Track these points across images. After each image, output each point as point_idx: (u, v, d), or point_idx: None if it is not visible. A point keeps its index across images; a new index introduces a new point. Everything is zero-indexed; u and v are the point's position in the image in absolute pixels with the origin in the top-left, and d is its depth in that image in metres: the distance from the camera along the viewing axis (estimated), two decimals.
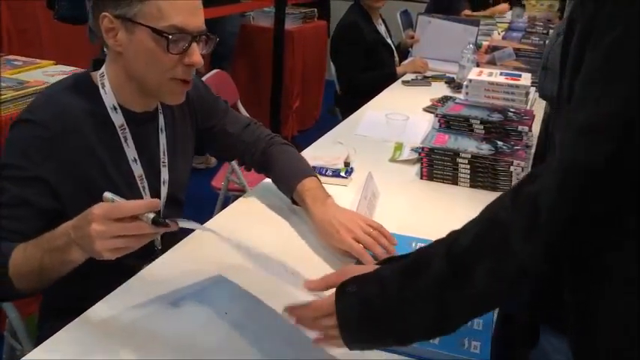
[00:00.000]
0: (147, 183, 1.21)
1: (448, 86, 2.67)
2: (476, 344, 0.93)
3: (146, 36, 1.06)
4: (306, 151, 1.77)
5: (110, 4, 1.06)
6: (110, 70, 1.15)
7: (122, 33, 1.07)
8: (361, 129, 2.01)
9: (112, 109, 1.14)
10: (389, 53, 3.12)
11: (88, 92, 1.14)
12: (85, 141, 1.11)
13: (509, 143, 1.62)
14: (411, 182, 1.61)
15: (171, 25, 1.06)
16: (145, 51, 1.08)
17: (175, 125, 1.29)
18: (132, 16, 1.06)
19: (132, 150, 1.17)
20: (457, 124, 1.72)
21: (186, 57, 1.09)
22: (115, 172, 1.15)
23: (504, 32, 3.66)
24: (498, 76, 2.20)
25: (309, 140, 1.89)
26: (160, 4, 1.05)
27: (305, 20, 4.26)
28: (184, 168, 1.33)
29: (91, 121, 1.12)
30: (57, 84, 1.17)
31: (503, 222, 0.71)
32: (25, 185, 1.05)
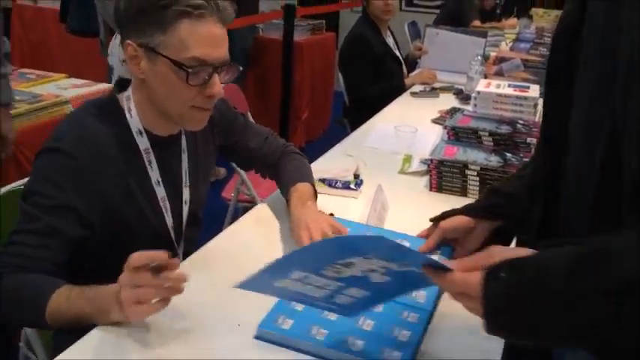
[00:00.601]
0: (169, 204, 1.23)
1: (456, 97, 2.68)
2: (396, 354, 0.93)
3: (167, 67, 1.08)
4: (316, 163, 1.78)
5: (134, 33, 1.08)
6: (135, 95, 1.17)
7: (145, 61, 1.09)
8: (370, 141, 2.02)
9: (137, 133, 1.16)
10: (397, 65, 3.13)
11: (114, 116, 1.15)
12: (111, 166, 1.13)
13: (518, 155, 1.63)
14: (420, 194, 1.62)
15: (192, 57, 1.07)
16: (166, 81, 1.09)
17: (197, 145, 1.30)
18: (154, 46, 1.07)
19: (155, 172, 1.19)
20: (466, 136, 1.73)
21: (207, 88, 1.11)
22: (139, 195, 1.17)
23: (512, 43, 3.67)
24: (506, 87, 2.20)
25: (318, 150, 1.91)
26: (181, 36, 1.06)
27: (313, 32, 4.29)
28: (204, 187, 1.36)
29: (117, 146, 1.14)
30: (83, 109, 1.18)
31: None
32: (55, 214, 1.06)
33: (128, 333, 0.97)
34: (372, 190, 1.47)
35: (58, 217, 1.06)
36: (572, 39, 0.80)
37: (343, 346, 0.94)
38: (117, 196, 1.14)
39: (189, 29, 1.06)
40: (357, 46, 2.99)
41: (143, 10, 1.06)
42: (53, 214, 1.06)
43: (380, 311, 1.02)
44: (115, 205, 1.13)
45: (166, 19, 1.05)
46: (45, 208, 1.05)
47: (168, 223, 1.24)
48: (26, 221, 1.06)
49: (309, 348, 0.94)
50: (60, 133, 1.12)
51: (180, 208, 1.26)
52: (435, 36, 3.32)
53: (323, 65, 4.36)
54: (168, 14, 1.05)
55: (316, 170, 1.67)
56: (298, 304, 1.02)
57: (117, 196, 1.14)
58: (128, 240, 1.16)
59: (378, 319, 1.01)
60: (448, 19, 4.27)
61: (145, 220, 1.20)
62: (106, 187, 1.12)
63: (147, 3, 1.06)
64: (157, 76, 1.10)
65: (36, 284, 1.01)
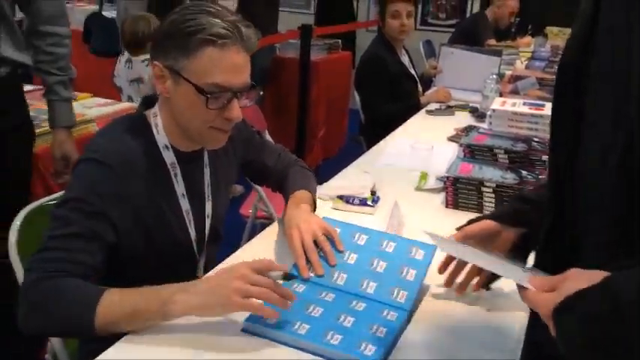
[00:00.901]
0: (192, 217, 1.27)
1: (472, 115, 2.70)
2: (371, 348, 0.99)
3: (189, 90, 1.13)
4: (333, 180, 1.81)
5: (161, 55, 1.14)
6: (161, 112, 1.22)
7: (170, 82, 1.15)
8: (387, 158, 2.05)
9: (163, 148, 1.22)
10: (412, 83, 3.17)
11: (143, 132, 1.21)
12: (141, 179, 1.17)
13: (534, 172, 1.65)
14: (437, 210, 1.65)
15: (213, 82, 1.11)
16: (188, 102, 1.14)
17: (218, 160, 1.35)
18: (178, 69, 1.12)
19: (181, 186, 1.24)
20: (481, 153, 1.75)
21: (226, 111, 1.15)
22: (166, 208, 1.22)
23: (527, 62, 3.69)
24: (522, 105, 2.23)
25: (334, 168, 1.94)
26: (204, 62, 1.10)
27: (330, 51, 4.35)
28: (225, 201, 1.41)
29: (146, 160, 1.19)
30: (115, 125, 1.23)
31: None
32: (95, 219, 1.09)
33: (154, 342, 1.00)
34: (389, 206, 1.50)
35: (97, 221, 1.10)
36: (583, 51, 0.82)
37: (323, 339, 1.00)
38: (145, 207, 1.18)
39: (212, 57, 1.10)
40: (373, 66, 3.03)
41: (170, 34, 1.12)
42: (93, 219, 1.09)
43: (361, 309, 1.08)
44: (143, 216, 1.18)
45: (191, 45, 1.10)
46: (84, 213, 1.09)
47: (191, 236, 1.28)
48: (64, 226, 1.08)
49: (291, 341, 1.01)
50: (96, 145, 1.17)
51: (202, 221, 1.31)
52: (449, 55, 3.36)
53: (339, 84, 4.41)
54: (193, 41, 1.10)
55: (333, 187, 1.71)
56: (300, 285, 1.14)
57: (145, 208, 1.18)
58: (152, 251, 1.21)
59: (358, 316, 1.07)
60: (462, 38, 4.31)
61: (171, 233, 1.24)
62: (136, 199, 1.16)
63: (174, 29, 1.11)
64: (180, 97, 1.15)
65: (84, 286, 1.03)
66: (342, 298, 1.12)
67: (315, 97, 4.03)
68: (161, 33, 1.15)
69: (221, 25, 1.09)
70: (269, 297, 0.98)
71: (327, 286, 1.15)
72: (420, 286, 1.15)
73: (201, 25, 1.09)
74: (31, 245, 1.32)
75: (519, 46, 4.49)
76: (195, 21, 1.10)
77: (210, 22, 1.09)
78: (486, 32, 4.70)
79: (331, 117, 4.36)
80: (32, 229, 1.34)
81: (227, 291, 0.97)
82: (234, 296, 0.97)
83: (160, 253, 1.22)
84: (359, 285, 1.15)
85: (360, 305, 1.10)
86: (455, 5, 5.60)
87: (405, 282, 1.15)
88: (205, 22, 1.09)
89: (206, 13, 1.11)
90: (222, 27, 1.09)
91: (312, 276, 1.17)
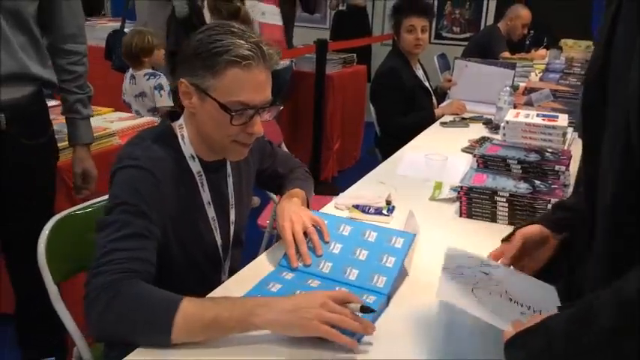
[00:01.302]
0: (218, 224, 1.33)
1: (486, 127, 2.73)
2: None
3: (214, 107, 1.19)
4: (349, 190, 1.85)
5: (188, 73, 1.20)
6: (186, 124, 1.28)
7: (195, 98, 1.21)
8: (401, 169, 2.09)
9: (190, 157, 1.27)
10: (427, 96, 3.21)
11: (171, 142, 1.27)
12: (173, 186, 1.23)
13: (547, 182, 1.67)
14: (451, 220, 1.68)
15: (237, 101, 1.18)
16: (212, 118, 1.21)
17: (240, 169, 1.41)
18: (204, 87, 1.19)
19: (207, 194, 1.30)
20: (495, 164, 1.78)
21: (248, 127, 1.22)
22: (193, 215, 1.28)
23: (542, 74, 3.71)
24: (535, 117, 2.25)
25: (349, 180, 1.97)
26: (229, 82, 1.17)
27: (345, 65, 4.41)
28: (246, 209, 1.47)
29: (176, 168, 1.25)
30: (145, 137, 1.28)
31: None
32: (145, 219, 1.14)
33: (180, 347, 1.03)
34: (404, 215, 1.53)
35: (148, 221, 1.14)
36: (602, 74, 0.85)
37: None
38: (176, 214, 1.23)
39: (237, 77, 1.17)
40: (388, 80, 3.07)
41: (198, 54, 1.18)
42: (144, 219, 1.14)
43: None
44: (173, 222, 1.23)
45: (217, 65, 1.16)
46: (135, 214, 1.13)
47: (217, 242, 1.33)
48: (119, 229, 1.11)
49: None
50: (132, 153, 1.22)
51: (227, 227, 1.36)
52: (464, 68, 3.39)
53: (354, 97, 4.46)
54: (220, 61, 1.16)
55: (349, 197, 1.75)
56: (288, 273, 1.27)
57: (176, 214, 1.23)
58: (182, 255, 1.27)
59: None
60: (476, 51, 4.36)
61: (199, 238, 1.29)
62: (169, 204, 1.22)
63: (202, 49, 1.17)
64: (205, 113, 1.22)
65: (159, 293, 1.04)
66: (326, 285, 1.22)
67: (330, 110, 4.08)
68: (188, 52, 1.20)
69: (246, 46, 1.16)
70: (350, 325, 1.02)
71: (314, 274, 1.27)
72: (398, 272, 1.26)
73: (227, 47, 1.15)
74: (59, 253, 1.39)
75: (534, 59, 4.51)
76: (222, 42, 1.16)
77: (236, 44, 1.16)
78: (500, 45, 4.73)
79: (347, 130, 4.41)
80: (59, 237, 1.40)
81: (309, 315, 1.00)
82: (315, 320, 1.00)
83: (188, 257, 1.27)
84: (342, 272, 1.26)
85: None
86: (469, 19, 5.64)
87: (385, 268, 1.26)
88: (231, 44, 1.16)
89: (231, 33, 1.17)
90: (247, 48, 1.16)
91: (300, 265, 1.29)
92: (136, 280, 1.06)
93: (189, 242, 1.27)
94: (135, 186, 1.17)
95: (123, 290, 1.03)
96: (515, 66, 3.33)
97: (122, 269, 1.06)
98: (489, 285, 1.08)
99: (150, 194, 1.17)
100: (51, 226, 1.41)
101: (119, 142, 2.23)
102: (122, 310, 1.01)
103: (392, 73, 3.06)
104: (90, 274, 1.08)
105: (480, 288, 1.07)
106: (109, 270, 1.05)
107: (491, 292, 1.06)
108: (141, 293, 1.04)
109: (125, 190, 1.17)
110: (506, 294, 1.06)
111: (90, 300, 1.04)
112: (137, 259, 1.09)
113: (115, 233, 1.11)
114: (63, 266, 1.40)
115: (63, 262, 1.40)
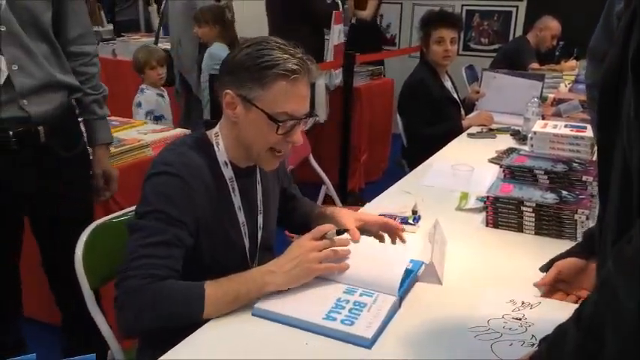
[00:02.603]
0: (247, 229, 1.38)
1: (513, 138, 2.72)
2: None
3: (260, 117, 1.26)
4: (375, 200, 1.88)
5: (234, 85, 1.27)
6: (223, 133, 1.34)
7: (240, 108, 1.27)
8: (428, 179, 2.10)
9: (223, 164, 1.33)
10: (455, 108, 3.21)
11: (206, 149, 1.33)
12: (206, 191, 1.29)
13: (574, 193, 1.67)
14: (477, 230, 1.69)
15: (283, 112, 1.25)
16: (256, 127, 1.27)
17: (267, 179, 1.47)
18: (251, 98, 1.25)
19: (237, 199, 1.36)
20: (522, 174, 1.79)
21: (289, 136, 1.29)
22: (225, 218, 1.33)
23: (571, 85, 3.68)
24: (563, 128, 2.24)
25: (377, 191, 1.99)
26: (276, 94, 1.24)
27: (372, 77, 4.44)
28: (274, 217, 1.51)
29: (209, 174, 1.30)
30: (180, 143, 1.35)
31: (612, 284, 0.75)
32: (177, 226, 1.22)
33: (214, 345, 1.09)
34: (430, 225, 1.54)
35: (178, 229, 1.22)
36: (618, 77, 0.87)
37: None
38: (209, 217, 1.29)
39: (284, 89, 1.24)
40: (417, 91, 3.09)
41: (247, 67, 1.24)
42: (175, 227, 1.21)
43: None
44: (207, 225, 1.29)
45: (266, 78, 1.23)
46: (165, 222, 1.21)
47: (246, 246, 1.38)
48: (149, 235, 1.19)
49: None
50: (165, 159, 1.28)
51: (256, 233, 1.41)
52: (492, 79, 3.39)
53: (381, 109, 4.48)
54: (269, 75, 1.23)
55: (375, 206, 1.78)
56: None
57: (209, 217, 1.29)
58: (212, 257, 1.32)
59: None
60: (505, 62, 4.34)
61: (229, 241, 1.34)
62: (201, 208, 1.27)
63: (250, 62, 1.24)
64: (249, 122, 1.28)
65: (186, 285, 1.18)
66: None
67: (357, 123, 4.11)
68: (234, 65, 1.27)
69: (293, 61, 1.24)
70: (338, 255, 1.25)
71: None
72: (410, 278, 1.32)
73: (276, 61, 1.23)
74: (96, 259, 1.45)
75: (564, 70, 4.47)
76: (271, 56, 1.23)
77: (284, 58, 1.23)
78: (529, 56, 4.70)
79: (374, 141, 4.43)
80: (96, 245, 1.46)
81: (307, 264, 1.22)
82: (313, 265, 1.22)
83: (217, 261, 1.32)
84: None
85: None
86: (497, 30, 5.62)
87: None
88: (280, 58, 1.23)
89: (278, 49, 1.25)
90: (294, 63, 1.23)
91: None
92: (161, 282, 1.17)
93: (219, 246, 1.33)
94: (167, 193, 1.23)
95: (154, 291, 1.15)
96: (543, 77, 3.31)
97: (149, 274, 1.16)
98: None
99: (181, 200, 1.23)
100: (88, 234, 1.47)
101: (152, 154, 2.30)
102: (158, 308, 1.15)
103: (421, 84, 3.07)
104: (119, 276, 1.19)
105: None
106: (137, 275, 1.16)
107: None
108: (169, 289, 1.17)
109: (157, 198, 1.23)
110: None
111: (121, 303, 1.17)
112: (163, 267, 1.18)
113: (144, 239, 1.20)
114: (98, 273, 1.45)
115: (99, 268, 1.46)
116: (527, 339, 1.12)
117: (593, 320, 0.79)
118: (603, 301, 0.78)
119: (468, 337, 1.14)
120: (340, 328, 1.12)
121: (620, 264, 0.76)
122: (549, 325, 0.86)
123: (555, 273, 1.28)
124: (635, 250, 0.73)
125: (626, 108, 0.78)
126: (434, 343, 1.12)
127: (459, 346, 1.11)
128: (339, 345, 1.10)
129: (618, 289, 0.74)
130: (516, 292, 1.29)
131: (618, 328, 0.74)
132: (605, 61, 0.95)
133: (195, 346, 1.10)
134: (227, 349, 1.09)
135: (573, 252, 1.30)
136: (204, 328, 1.15)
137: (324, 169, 3.14)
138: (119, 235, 1.47)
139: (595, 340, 0.77)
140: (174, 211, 1.22)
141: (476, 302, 1.26)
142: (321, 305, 1.18)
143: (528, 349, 1.05)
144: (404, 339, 1.13)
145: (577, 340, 0.80)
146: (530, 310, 1.23)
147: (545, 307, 1.23)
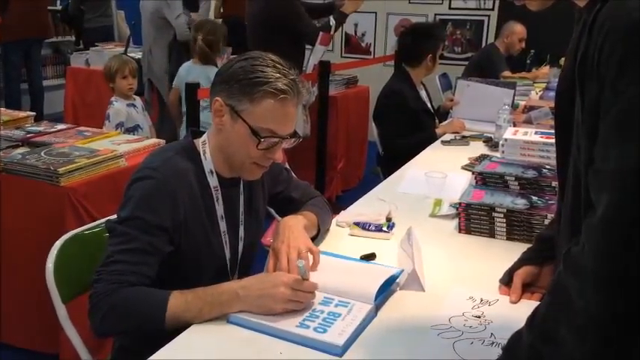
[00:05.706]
0: (228, 238, 1.38)
1: (486, 145, 2.76)
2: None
3: (244, 129, 1.27)
4: (351, 208, 1.89)
5: (225, 93, 1.28)
6: (210, 141, 1.35)
7: (227, 117, 1.29)
8: (402, 187, 2.12)
9: (209, 172, 1.35)
10: (430, 117, 3.25)
11: (193, 157, 1.35)
12: (190, 197, 1.30)
13: (544, 198, 1.70)
14: (450, 235, 1.70)
15: (267, 128, 1.27)
16: (239, 139, 1.29)
17: (252, 189, 1.47)
18: (239, 110, 1.27)
19: (220, 208, 1.37)
20: (493, 180, 1.81)
21: (270, 153, 1.31)
22: (207, 226, 1.34)
23: (542, 92, 3.75)
24: (533, 134, 2.29)
25: (353, 199, 2.00)
26: (264, 110, 1.25)
27: (347, 86, 4.47)
28: (257, 228, 1.51)
29: (195, 181, 1.32)
30: (168, 149, 1.37)
31: (563, 285, 0.80)
32: (153, 234, 1.22)
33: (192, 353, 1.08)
34: (404, 232, 1.56)
35: (155, 236, 1.22)
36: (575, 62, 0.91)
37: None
38: (191, 222, 1.30)
39: (272, 107, 1.26)
40: (393, 101, 3.12)
41: (239, 80, 1.26)
42: (151, 234, 1.22)
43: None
44: (189, 231, 1.29)
45: (255, 93, 1.25)
46: (143, 229, 1.21)
47: (226, 255, 1.38)
48: (126, 242, 1.21)
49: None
50: (152, 164, 1.29)
51: (236, 243, 1.41)
52: (465, 87, 3.44)
53: (357, 117, 4.51)
54: (259, 90, 1.25)
55: (350, 214, 1.78)
56: None
57: (191, 223, 1.30)
58: (192, 264, 1.32)
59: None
60: (477, 71, 4.40)
61: (210, 249, 1.35)
62: (185, 215, 1.28)
63: (243, 75, 1.26)
64: (233, 132, 1.30)
65: (152, 294, 1.19)
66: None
67: (334, 131, 4.13)
68: (227, 75, 1.28)
69: (284, 81, 1.25)
70: (305, 298, 1.19)
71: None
72: (389, 288, 1.32)
73: (267, 78, 1.25)
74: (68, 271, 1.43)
75: (538, 77, 4.55)
76: (264, 73, 1.25)
77: (275, 77, 1.25)
78: (499, 63, 4.78)
79: (350, 149, 4.45)
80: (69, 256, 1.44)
81: (271, 299, 1.17)
82: (277, 305, 1.17)
83: (198, 267, 1.33)
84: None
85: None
86: (470, 39, 5.70)
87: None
88: (271, 76, 1.25)
89: (272, 67, 1.26)
90: (285, 83, 1.25)
91: None
92: (129, 288, 1.18)
93: (200, 253, 1.33)
94: (148, 199, 1.24)
95: (121, 295, 1.17)
96: (515, 85, 3.37)
97: (118, 280, 1.18)
98: None
99: (163, 206, 1.24)
100: (59, 246, 1.45)
101: (126, 164, 2.28)
102: (123, 312, 1.16)
103: (397, 94, 3.11)
104: (94, 276, 1.21)
105: None
106: (108, 279, 1.18)
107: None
108: (135, 296, 1.18)
109: (138, 204, 1.24)
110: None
111: (91, 304, 1.19)
112: (134, 273, 1.19)
113: (122, 244, 1.21)
114: (70, 285, 1.43)
115: (71, 281, 1.43)
116: (486, 337, 1.16)
117: (545, 321, 0.83)
118: (556, 301, 0.82)
119: (431, 336, 1.17)
120: (312, 335, 1.13)
121: (570, 265, 0.80)
122: (507, 323, 0.90)
123: (521, 281, 1.32)
124: (581, 252, 0.77)
125: (577, 114, 0.83)
126: (404, 344, 1.14)
127: (422, 345, 1.14)
128: (312, 353, 1.10)
129: (569, 289, 0.78)
130: (476, 289, 1.34)
131: (572, 325, 0.78)
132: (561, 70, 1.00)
133: (172, 353, 1.09)
134: (203, 356, 1.09)
135: (526, 259, 1.35)
136: (182, 336, 1.14)
137: (301, 178, 3.13)
138: (91, 247, 1.46)
139: (545, 340, 0.81)
140: (154, 218, 1.22)
141: (440, 301, 1.30)
142: (296, 314, 1.19)
143: (488, 349, 1.11)
144: (374, 347, 1.14)
145: (528, 340, 0.84)
146: (489, 307, 1.27)
147: (503, 304, 1.29)
